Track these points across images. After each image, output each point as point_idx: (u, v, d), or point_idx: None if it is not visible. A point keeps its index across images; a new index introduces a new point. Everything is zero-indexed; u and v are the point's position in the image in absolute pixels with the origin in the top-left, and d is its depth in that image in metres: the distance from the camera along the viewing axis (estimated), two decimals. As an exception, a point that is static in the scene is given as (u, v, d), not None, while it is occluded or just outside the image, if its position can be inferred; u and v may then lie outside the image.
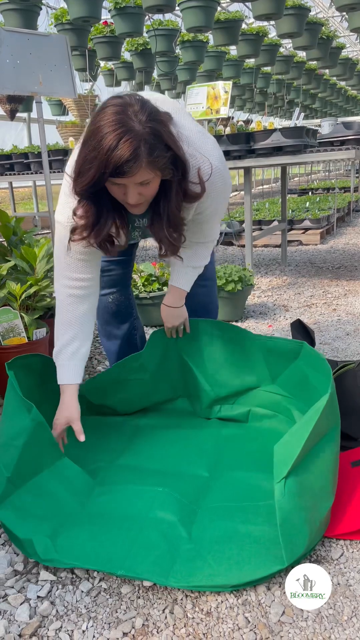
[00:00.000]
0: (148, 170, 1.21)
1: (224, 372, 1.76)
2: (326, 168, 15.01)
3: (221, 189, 1.46)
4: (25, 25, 4.20)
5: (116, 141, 1.15)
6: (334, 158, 3.46)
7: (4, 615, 1.12)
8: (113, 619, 1.10)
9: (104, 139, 1.16)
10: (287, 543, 1.17)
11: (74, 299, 1.49)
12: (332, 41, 6.30)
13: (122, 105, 1.19)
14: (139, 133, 1.16)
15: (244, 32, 5.58)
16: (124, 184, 1.24)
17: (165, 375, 1.82)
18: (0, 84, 1.62)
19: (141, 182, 1.23)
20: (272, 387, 1.70)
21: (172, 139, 1.25)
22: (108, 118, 1.17)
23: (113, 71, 6.72)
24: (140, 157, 1.17)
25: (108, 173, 1.18)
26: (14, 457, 1.34)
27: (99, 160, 1.17)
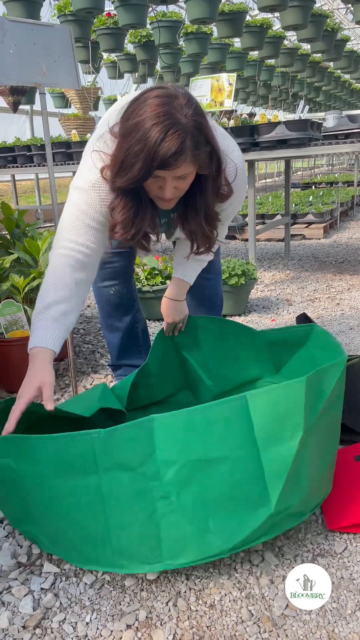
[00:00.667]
0: (190, 164, 1.20)
1: (225, 367, 1.74)
2: (329, 162, 14.95)
3: (242, 190, 1.48)
4: (28, 16, 4.18)
5: (163, 134, 1.13)
6: (338, 151, 3.44)
7: (7, 607, 1.12)
8: (117, 611, 1.10)
9: (150, 131, 1.13)
10: (272, 484, 1.07)
11: (73, 262, 1.35)
12: (336, 33, 6.26)
13: (167, 96, 1.17)
14: (186, 126, 1.15)
15: (248, 24, 5.54)
16: (162, 178, 1.22)
17: (168, 374, 1.81)
18: (5, 75, 1.61)
19: (180, 175, 1.22)
20: (275, 377, 1.69)
21: (212, 134, 1.24)
22: (152, 110, 1.14)
23: (116, 63, 6.69)
24: (186, 151, 1.16)
25: (155, 167, 1.16)
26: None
27: (146, 154, 1.15)
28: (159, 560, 1.11)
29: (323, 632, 1.04)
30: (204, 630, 1.05)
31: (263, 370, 1.72)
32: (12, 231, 2.47)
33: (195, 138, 1.17)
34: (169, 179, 1.22)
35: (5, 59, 1.62)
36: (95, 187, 1.33)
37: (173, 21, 5.25)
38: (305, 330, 1.58)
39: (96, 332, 2.87)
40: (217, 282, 1.94)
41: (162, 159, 1.14)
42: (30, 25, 1.73)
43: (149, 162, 1.16)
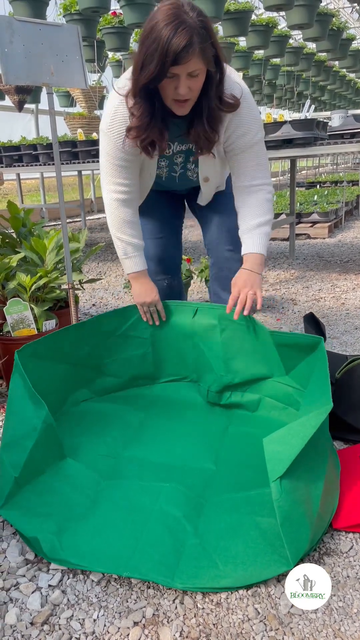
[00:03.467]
0: (199, 60, 1.38)
1: (238, 359, 1.74)
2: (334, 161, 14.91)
3: (252, 107, 1.63)
4: (34, 15, 4.18)
5: (173, 31, 1.32)
6: (344, 151, 3.43)
7: (15, 604, 1.13)
8: (124, 609, 1.11)
9: (162, 30, 1.33)
10: (291, 542, 1.16)
11: (119, 202, 1.69)
12: (342, 33, 6.24)
13: (174, 3, 1.37)
14: (192, 25, 1.34)
15: (254, 23, 5.52)
16: (177, 76, 1.39)
17: (177, 351, 1.81)
18: (14, 75, 1.62)
19: (191, 72, 1.39)
20: (284, 378, 1.69)
21: (215, 38, 1.42)
22: (163, 14, 1.35)
23: (121, 62, 6.68)
24: (194, 45, 1.34)
25: (169, 62, 1.34)
26: (22, 457, 1.35)
27: (160, 51, 1.33)
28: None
29: (329, 630, 1.05)
30: (211, 628, 1.06)
31: (274, 369, 1.71)
32: (18, 230, 2.48)
33: (201, 34, 1.36)
34: (182, 77, 1.39)
35: (14, 59, 1.62)
36: (112, 129, 1.57)
37: (179, 20, 5.23)
38: (315, 340, 1.56)
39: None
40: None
41: (175, 53, 1.33)
42: (39, 25, 1.74)
43: (163, 58, 1.34)
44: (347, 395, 1.72)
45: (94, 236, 6.44)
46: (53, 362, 1.66)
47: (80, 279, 2.44)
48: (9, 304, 2.03)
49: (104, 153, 1.65)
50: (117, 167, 1.64)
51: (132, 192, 1.70)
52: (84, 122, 5.46)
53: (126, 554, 1.20)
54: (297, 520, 1.19)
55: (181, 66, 1.36)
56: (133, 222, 1.73)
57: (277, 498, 1.19)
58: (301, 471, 1.25)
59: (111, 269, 4.58)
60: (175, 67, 1.35)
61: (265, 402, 1.74)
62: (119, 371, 1.83)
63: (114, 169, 1.65)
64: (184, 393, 1.86)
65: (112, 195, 1.69)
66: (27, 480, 1.36)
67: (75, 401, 1.78)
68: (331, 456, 1.40)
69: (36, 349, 1.61)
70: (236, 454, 1.57)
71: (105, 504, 1.35)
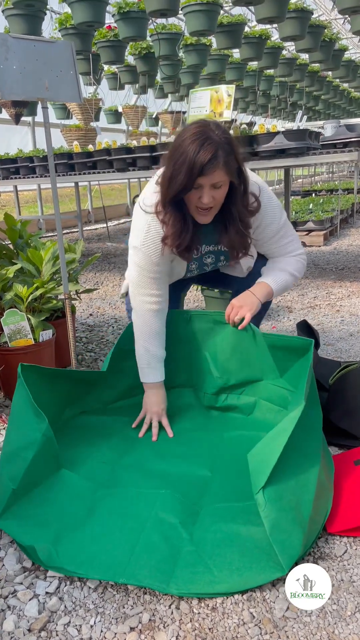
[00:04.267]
0: (223, 172, 1.49)
1: (233, 361, 1.76)
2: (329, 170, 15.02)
3: (271, 198, 1.72)
4: (29, 29, 4.24)
5: (200, 146, 1.44)
6: (336, 160, 3.48)
7: (13, 611, 1.14)
8: (120, 614, 1.12)
9: (189, 146, 1.45)
10: (283, 549, 1.18)
11: (151, 313, 1.74)
12: (334, 44, 6.32)
13: (201, 122, 1.51)
14: (217, 141, 1.46)
15: (247, 35, 5.60)
16: (201, 187, 1.50)
17: (172, 359, 1.83)
18: (8, 90, 1.65)
19: (215, 183, 1.49)
20: (279, 380, 1.70)
21: (239, 152, 1.54)
22: (190, 132, 1.48)
23: (117, 75, 6.76)
24: (219, 158, 1.46)
25: (196, 173, 1.45)
26: (21, 470, 1.37)
27: (188, 164, 1.45)
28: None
29: (323, 633, 1.06)
30: (206, 633, 1.07)
31: (268, 372, 1.72)
32: (15, 241, 2.50)
33: (226, 149, 1.47)
34: (206, 187, 1.50)
35: (9, 74, 1.66)
36: (146, 244, 1.65)
37: (173, 33, 5.31)
38: (307, 342, 1.59)
39: (98, 340, 2.90)
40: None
41: (201, 165, 1.44)
42: (33, 41, 1.78)
43: (190, 170, 1.45)
44: (340, 401, 1.74)
45: (91, 246, 6.47)
46: (52, 377, 1.68)
47: (77, 289, 2.46)
48: (6, 314, 2.05)
49: (136, 267, 1.70)
50: (150, 280, 1.71)
51: (163, 302, 1.76)
52: (80, 134, 5.52)
53: (122, 560, 1.21)
54: (287, 527, 1.21)
55: (206, 177, 1.47)
56: (161, 334, 1.77)
57: (263, 509, 1.23)
58: (287, 478, 1.28)
59: (108, 279, 4.60)
60: (201, 177, 1.47)
61: (261, 405, 1.76)
62: (115, 382, 1.84)
63: (148, 281, 1.71)
64: (180, 399, 1.88)
65: (146, 306, 1.73)
66: (25, 491, 1.37)
67: (72, 414, 1.80)
68: (324, 459, 1.42)
69: (40, 367, 1.64)
70: (232, 460, 1.58)
71: (102, 511, 1.36)
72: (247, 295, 1.71)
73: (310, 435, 1.44)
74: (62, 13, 4.93)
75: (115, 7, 4.60)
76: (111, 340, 2.88)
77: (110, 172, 4.42)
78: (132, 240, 1.71)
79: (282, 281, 1.74)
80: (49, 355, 2.18)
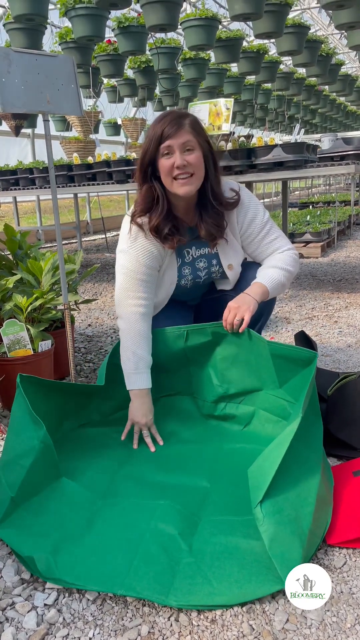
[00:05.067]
0: (190, 133, 1.58)
1: (234, 370, 1.75)
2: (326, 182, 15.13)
3: (250, 195, 1.80)
4: (30, 43, 4.30)
5: (163, 117, 1.59)
6: (334, 173, 3.51)
7: (11, 623, 1.13)
8: (119, 627, 1.11)
9: (153, 125, 1.60)
10: (282, 562, 1.18)
11: (137, 316, 1.73)
12: (331, 58, 6.42)
13: (168, 110, 1.72)
14: (182, 113, 1.61)
15: (245, 49, 5.68)
16: (172, 151, 1.57)
17: (172, 376, 1.82)
18: (10, 103, 1.67)
19: (184, 143, 1.57)
20: (278, 391, 1.69)
21: (208, 137, 1.65)
22: (157, 118, 1.62)
23: (116, 88, 6.84)
24: (184, 122, 1.57)
25: (159, 138, 1.56)
26: (19, 477, 1.36)
27: (152, 137, 1.58)
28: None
29: (323, 645, 1.05)
30: (206, 645, 1.06)
31: (268, 382, 1.71)
32: (15, 252, 2.51)
33: (191, 118, 1.61)
34: (177, 151, 1.57)
35: (11, 87, 1.68)
36: (133, 246, 1.71)
37: (172, 47, 5.38)
38: (311, 354, 1.57)
39: (97, 350, 2.91)
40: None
41: (163, 132, 1.56)
42: (35, 55, 1.80)
43: (156, 140, 1.58)
44: (339, 412, 1.75)
45: (90, 257, 6.49)
46: (50, 389, 1.68)
47: (76, 299, 2.47)
48: (5, 324, 2.05)
49: (123, 271, 1.73)
50: (137, 282, 1.72)
51: (149, 305, 1.76)
52: (79, 146, 5.56)
53: (121, 572, 1.20)
54: (286, 540, 1.21)
55: (173, 139, 1.56)
56: (149, 338, 1.75)
57: (261, 523, 1.24)
58: (287, 491, 1.29)
59: (107, 290, 4.62)
60: (169, 140, 1.56)
61: (259, 415, 1.75)
62: (113, 393, 1.84)
63: (135, 283, 1.72)
64: (179, 406, 1.87)
65: (133, 309, 1.73)
66: (24, 499, 1.37)
67: (71, 427, 1.79)
68: (324, 472, 1.42)
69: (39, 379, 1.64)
70: (231, 471, 1.58)
71: (101, 522, 1.36)
72: (243, 297, 1.70)
73: (311, 448, 1.44)
74: (62, 27, 5.00)
75: (115, 22, 4.67)
76: (110, 351, 2.88)
77: (110, 184, 4.45)
78: (119, 246, 1.75)
79: (275, 278, 1.73)
80: (48, 365, 2.18)
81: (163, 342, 1.78)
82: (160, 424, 1.82)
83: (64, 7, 4.28)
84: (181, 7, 4.27)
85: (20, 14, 3.94)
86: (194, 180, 1.62)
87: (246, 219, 1.76)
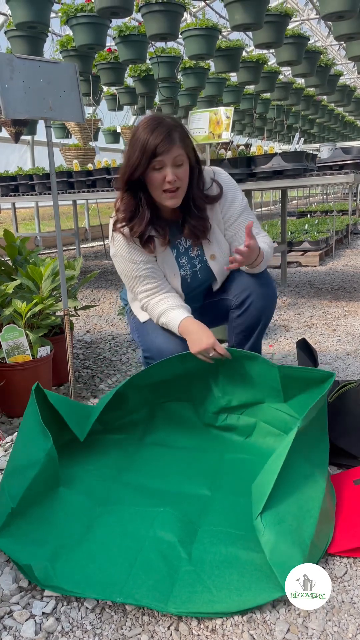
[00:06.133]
0: (181, 148, 1.60)
1: (237, 383, 1.73)
2: (324, 191, 15.21)
3: (227, 179, 1.83)
4: (31, 51, 4.32)
5: (151, 131, 1.56)
6: (333, 182, 3.53)
7: (9, 631, 1.12)
8: (118, 636, 1.10)
9: (142, 134, 1.57)
10: (282, 571, 1.17)
11: (148, 302, 1.79)
12: (330, 69, 6.46)
13: (153, 114, 1.63)
14: (171, 124, 1.59)
15: (245, 59, 5.72)
16: (164, 166, 1.59)
17: (171, 386, 1.81)
18: (13, 109, 1.67)
19: (175, 158, 1.59)
20: (282, 405, 1.67)
21: (190, 138, 1.66)
22: (143, 122, 1.60)
23: (116, 96, 6.87)
24: (174, 138, 1.57)
25: (150, 153, 1.56)
26: (21, 488, 1.35)
27: (141, 148, 1.56)
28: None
29: (325, 656, 1.04)
30: (206, 655, 1.05)
31: (270, 396, 1.69)
32: (14, 258, 2.51)
33: (179, 130, 1.60)
34: (168, 166, 1.59)
35: (14, 94, 1.69)
36: (119, 248, 1.75)
37: (172, 57, 5.42)
38: (325, 375, 1.53)
39: (95, 357, 2.90)
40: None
41: (156, 147, 1.55)
42: (37, 62, 1.81)
43: (144, 153, 1.56)
44: (339, 420, 1.74)
45: (88, 264, 6.49)
46: (56, 402, 1.65)
47: (76, 305, 2.47)
48: (4, 330, 2.05)
49: (121, 273, 1.81)
50: (135, 278, 1.78)
51: (159, 287, 1.79)
52: (79, 153, 5.57)
53: (120, 579, 1.19)
54: (287, 550, 1.20)
55: (165, 155, 1.57)
56: (174, 298, 1.79)
57: (262, 534, 1.23)
58: (289, 502, 1.29)
59: (105, 296, 4.61)
60: (161, 156, 1.57)
61: (260, 427, 1.74)
62: (116, 404, 1.83)
63: (134, 280, 1.78)
64: (179, 414, 1.84)
65: (144, 302, 1.80)
66: (23, 509, 1.35)
67: (72, 435, 1.77)
68: (328, 487, 1.41)
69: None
70: (231, 480, 1.57)
71: (100, 530, 1.35)
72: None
73: (315, 463, 1.43)
74: (63, 35, 5.02)
75: (116, 30, 4.69)
76: (108, 357, 2.88)
77: (110, 191, 4.46)
78: (111, 253, 1.81)
79: (265, 248, 1.78)
80: (46, 371, 2.17)
81: (164, 369, 1.72)
82: (161, 432, 1.81)
83: (65, 15, 4.31)
84: (182, 17, 4.30)
85: (22, 22, 3.96)
86: (181, 193, 1.67)
87: (226, 202, 1.81)
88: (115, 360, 2.84)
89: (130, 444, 1.77)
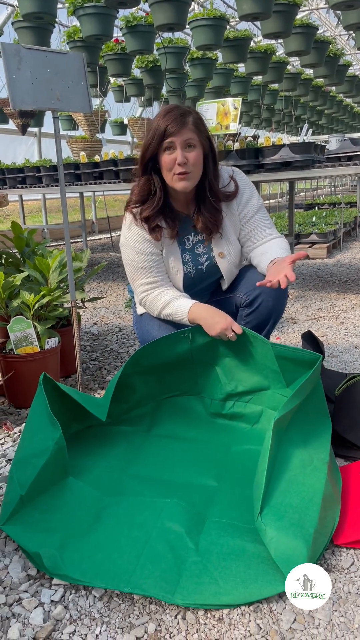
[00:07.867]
0: (193, 131, 1.62)
1: (242, 368, 1.74)
2: (332, 183, 15.10)
3: (244, 177, 1.86)
4: (38, 42, 4.30)
5: (167, 113, 1.62)
6: (341, 173, 3.50)
7: (18, 619, 1.13)
8: (126, 624, 1.11)
9: (157, 118, 1.64)
10: (287, 565, 1.17)
11: (148, 294, 1.79)
12: (338, 59, 6.39)
13: (171, 104, 1.67)
14: (185, 109, 1.64)
15: (252, 50, 5.67)
16: (174, 147, 1.62)
17: (178, 376, 1.81)
18: (20, 100, 1.67)
19: (187, 140, 1.61)
20: (285, 390, 1.68)
21: (207, 127, 1.70)
22: (160, 112, 1.65)
23: (123, 87, 6.84)
24: (187, 119, 1.62)
25: (162, 133, 1.60)
26: (31, 476, 1.36)
27: (155, 132, 1.62)
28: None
29: (331, 645, 1.05)
30: (213, 643, 1.06)
31: (274, 381, 1.70)
32: (22, 250, 2.52)
33: (194, 115, 1.65)
34: (178, 147, 1.62)
35: (21, 84, 1.68)
36: (128, 236, 1.77)
37: (179, 47, 5.38)
38: (313, 357, 1.55)
39: (102, 349, 2.90)
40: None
41: (166, 126, 1.60)
42: (45, 52, 1.80)
43: (158, 135, 1.61)
44: (346, 413, 1.74)
45: (95, 256, 6.50)
46: (63, 394, 1.66)
47: (83, 297, 2.47)
48: (12, 321, 2.06)
49: (126, 262, 1.81)
50: (139, 270, 1.78)
51: (160, 282, 1.80)
52: (86, 145, 5.56)
53: (127, 569, 1.20)
54: (290, 544, 1.20)
55: (176, 136, 1.60)
56: (174, 291, 1.80)
57: (265, 534, 1.23)
58: (289, 495, 1.29)
59: (112, 288, 4.62)
60: (171, 137, 1.60)
61: (267, 414, 1.74)
62: (122, 397, 1.83)
63: (137, 271, 1.79)
64: (186, 407, 1.85)
65: (142, 295, 1.81)
66: (32, 498, 1.37)
67: (79, 427, 1.78)
68: (331, 472, 1.41)
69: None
70: (238, 471, 1.57)
71: (108, 520, 1.36)
72: (278, 263, 1.67)
73: (315, 448, 1.43)
74: (70, 26, 5.00)
75: (123, 21, 4.66)
76: (115, 349, 2.89)
77: (117, 183, 4.45)
78: (120, 242, 1.82)
79: (280, 252, 1.76)
80: (54, 363, 2.18)
81: (168, 346, 1.74)
82: (167, 424, 1.81)
83: (72, 6, 4.28)
84: (189, 7, 4.26)
85: (29, 12, 3.95)
86: (192, 177, 1.67)
87: (243, 198, 1.82)
88: (122, 352, 2.84)
89: (138, 436, 1.77)
